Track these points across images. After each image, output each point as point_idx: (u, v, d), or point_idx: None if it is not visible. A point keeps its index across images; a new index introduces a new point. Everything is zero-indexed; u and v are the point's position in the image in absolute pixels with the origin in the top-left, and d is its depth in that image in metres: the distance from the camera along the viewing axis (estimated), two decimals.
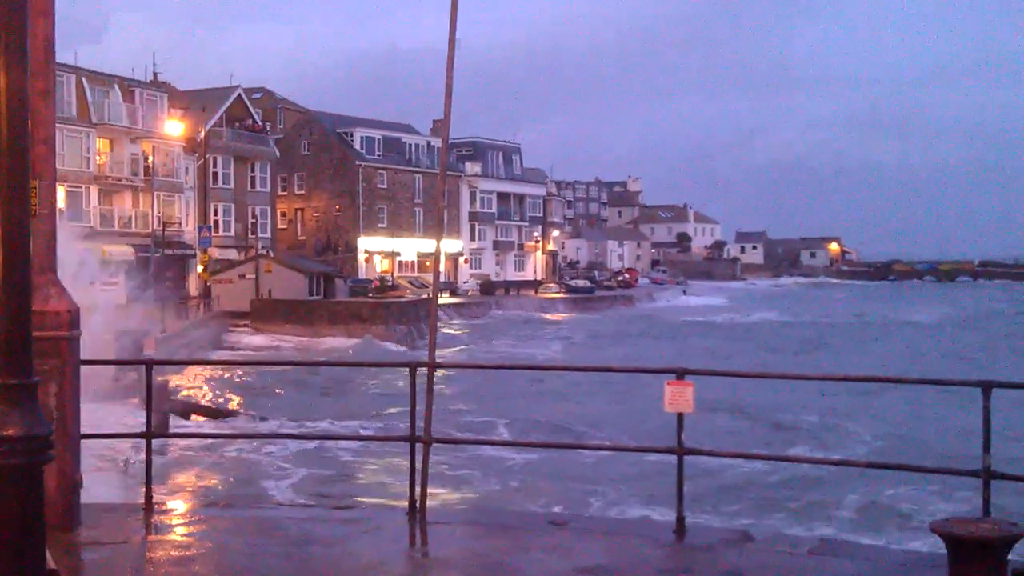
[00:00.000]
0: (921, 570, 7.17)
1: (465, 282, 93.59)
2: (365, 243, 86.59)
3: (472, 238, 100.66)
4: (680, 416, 7.99)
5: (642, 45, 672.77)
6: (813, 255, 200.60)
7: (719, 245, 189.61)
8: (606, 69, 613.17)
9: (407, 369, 8.67)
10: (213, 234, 66.91)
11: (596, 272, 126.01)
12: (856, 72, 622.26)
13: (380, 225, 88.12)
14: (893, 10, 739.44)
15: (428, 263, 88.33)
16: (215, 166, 72.90)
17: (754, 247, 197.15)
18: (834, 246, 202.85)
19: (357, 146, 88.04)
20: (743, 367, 31.32)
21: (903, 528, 17.47)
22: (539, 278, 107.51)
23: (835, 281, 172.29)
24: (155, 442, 9.31)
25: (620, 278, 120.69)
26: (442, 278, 25.36)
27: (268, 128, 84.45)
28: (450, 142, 9.69)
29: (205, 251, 64.27)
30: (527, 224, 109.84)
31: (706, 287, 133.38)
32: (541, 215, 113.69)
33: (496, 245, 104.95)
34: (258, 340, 55.92)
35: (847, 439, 27.65)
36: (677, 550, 7.76)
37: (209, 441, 24.87)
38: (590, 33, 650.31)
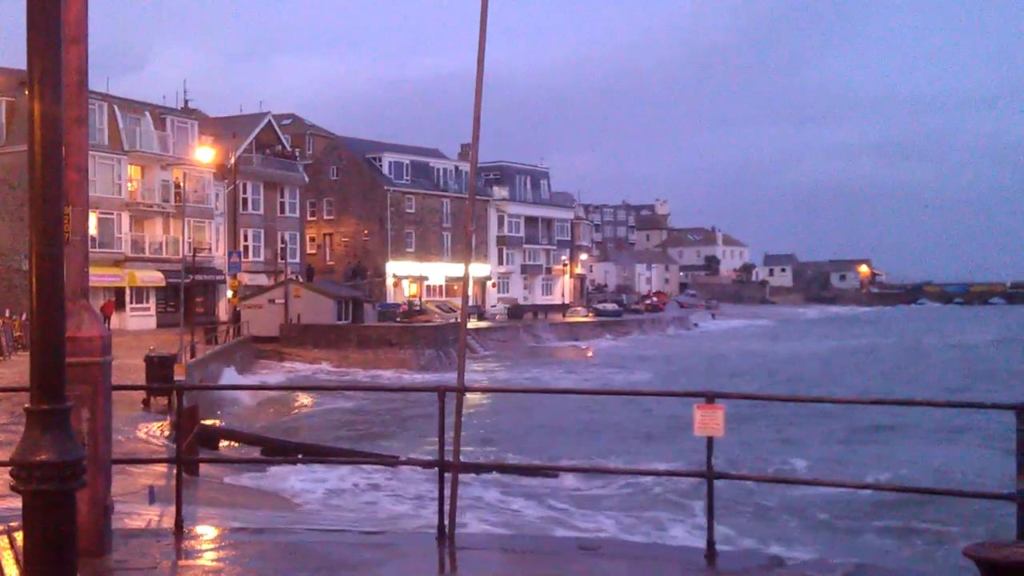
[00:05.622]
0: None
1: (493, 306, 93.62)
2: (393, 267, 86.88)
3: (500, 262, 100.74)
4: (710, 440, 7.94)
5: (668, 75, 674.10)
6: (843, 277, 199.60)
7: (748, 268, 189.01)
8: (633, 96, 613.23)
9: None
10: (243, 259, 67.27)
11: (624, 296, 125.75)
12: (881, 100, 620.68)
13: (408, 250, 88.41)
14: (918, 39, 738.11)
15: (456, 287, 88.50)
16: (245, 192, 73.47)
17: (783, 270, 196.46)
18: (864, 268, 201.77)
19: (385, 171, 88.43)
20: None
21: (936, 553, 17.23)
22: (567, 302, 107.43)
23: (862, 309, 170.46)
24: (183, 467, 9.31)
25: (648, 302, 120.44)
26: (470, 302, 25.31)
27: (297, 154, 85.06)
28: (478, 166, 9.69)
29: (235, 276, 64.63)
30: (555, 248, 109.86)
31: (736, 311, 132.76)
32: (569, 239, 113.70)
33: (524, 269, 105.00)
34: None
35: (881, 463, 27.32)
36: None
37: (238, 466, 24.85)
38: (617, 62, 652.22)
